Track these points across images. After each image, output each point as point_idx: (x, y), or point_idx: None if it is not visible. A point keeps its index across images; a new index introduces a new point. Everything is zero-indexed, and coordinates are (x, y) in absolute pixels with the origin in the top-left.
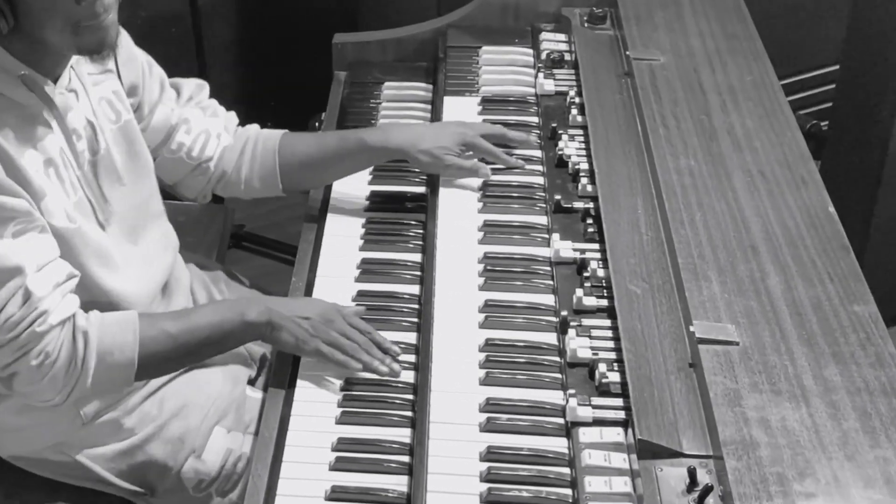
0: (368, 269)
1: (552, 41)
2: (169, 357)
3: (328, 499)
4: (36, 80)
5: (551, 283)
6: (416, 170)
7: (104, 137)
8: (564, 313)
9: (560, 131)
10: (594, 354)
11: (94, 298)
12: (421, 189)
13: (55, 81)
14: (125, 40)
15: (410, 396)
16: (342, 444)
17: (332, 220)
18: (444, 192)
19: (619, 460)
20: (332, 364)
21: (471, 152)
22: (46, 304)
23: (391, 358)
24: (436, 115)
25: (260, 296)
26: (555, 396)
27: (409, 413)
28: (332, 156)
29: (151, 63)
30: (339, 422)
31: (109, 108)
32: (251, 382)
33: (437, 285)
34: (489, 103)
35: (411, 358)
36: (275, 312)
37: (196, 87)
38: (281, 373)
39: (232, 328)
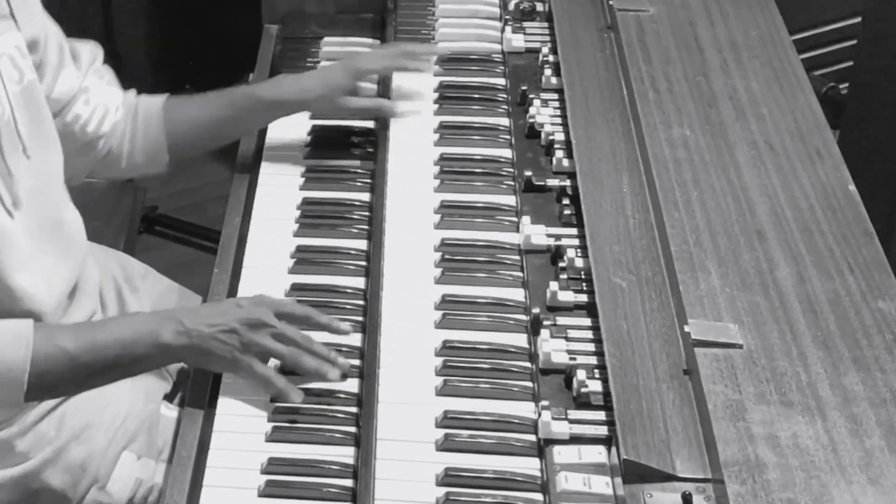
0: (304, 259)
1: None
2: (66, 379)
3: None
4: None
5: (521, 275)
6: (361, 140)
7: (7, 100)
8: (536, 311)
9: (531, 95)
10: (571, 359)
11: (2, 300)
12: (367, 164)
13: None
14: None
15: (354, 409)
16: (273, 465)
17: (261, 200)
18: (393, 168)
19: (601, 484)
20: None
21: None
22: None
23: (336, 355)
24: (384, 77)
25: (175, 310)
26: (525, 409)
27: (352, 429)
28: (223, 116)
29: (47, 19)
30: (270, 439)
31: (11, 65)
32: (167, 398)
33: (386, 278)
34: (447, 62)
35: (355, 363)
36: (194, 332)
37: (92, 51)
38: (201, 383)
39: (144, 351)
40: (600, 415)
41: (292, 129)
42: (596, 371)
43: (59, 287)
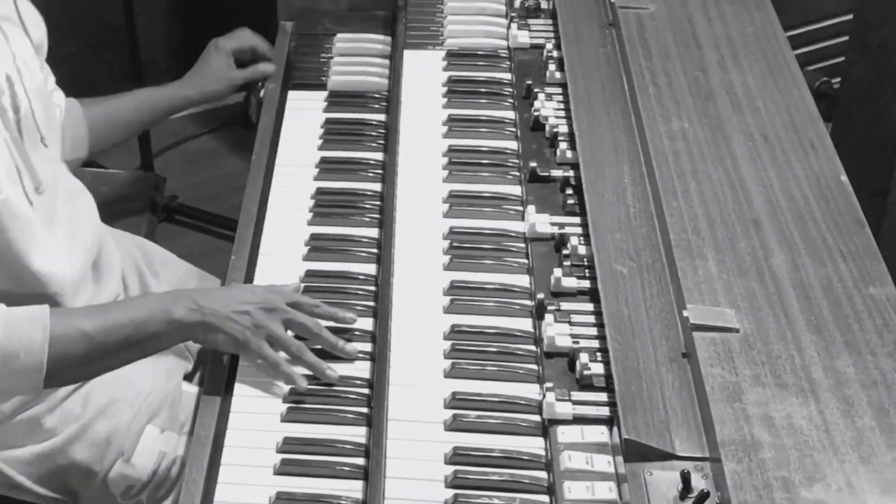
0: (318, 246)
1: None
2: (83, 360)
3: None
4: None
5: (526, 261)
6: (372, 133)
7: (25, 94)
8: (541, 296)
9: (536, 89)
10: (574, 343)
11: (20, 281)
12: (378, 155)
13: None
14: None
15: (366, 391)
16: (288, 444)
17: (277, 190)
18: (404, 159)
19: (603, 463)
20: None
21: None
22: None
23: (344, 341)
24: (395, 70)
25: (189, 289)
26: (530, 390)
27: (364, 409)
28: (135, 113)
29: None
30: (286, 419)
31: (25, 66)
32: (187, 377)
33: (397, 265)
34: (455, 57)
35: (367, 347)
36: (207, 310)
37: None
38: (219, 364)
39: (157, 328)
40: (602, 396)
41: (307, 122)
42: (598, 354)
43: (75, 269)
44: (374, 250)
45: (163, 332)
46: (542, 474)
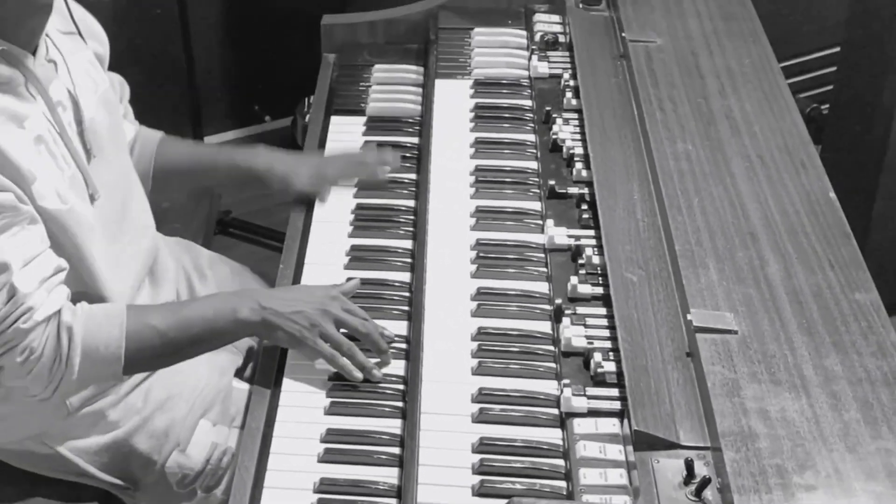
0: (358, 256)
1: (546, 23)
2: (157, 353)
3: (317, 491)
4: (15, 55)
5: (545, 270)
6: (407, 154)
7: (88, 108)
8: (559, 301)
9: (554, 115)
10: (589, 343)
11: (88, 283)
12: (412, 174)
13: (34, 54)
14: (87, 15)
15: (401, 387)
16: (331, 435)
17: (320, 205)
18: (435, 177)
19: (615, 452)
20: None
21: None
22: (32, 300)
23: (386, 345)
24: (427, 98)
25: (252, 290)
26: (549, 386)
27: (399, 403)
28: (199, 168)
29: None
30: (328, 412)
31: (88, 77)
32: (238, 373)
33: (429, 273)
34: (482, 86)
35: (402, 347)
36: (268, 310)
37: (124, 87)
38: (268, 363)
39: (224, 326)
40: (614, 392)
41: (347, 144)
42: (610, 354)
43: (132, 274)
44: (409, 260)
45: (228, 330)
46: (560, 462)
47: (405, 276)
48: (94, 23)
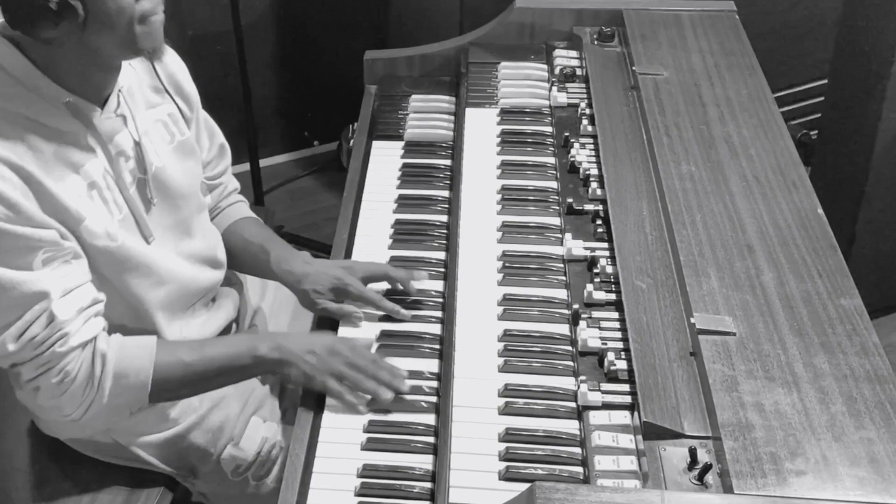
0: (396, 266)
1: (565, 57)
2: (182, 383)
3: (360, 476)
4: (81, 107)
5: (564, 278)
6: (440, 175)
7: (157, 157)
8: (576, 306)
9: (572, 140)
10: (603, 344)
11: (136, 316)
12: (445, 192)
13: (102, 106)
14: (182, 71)
15: (435, 383)
16: (373, 426)
17: (363, 221)
18: (465, 195)
19: (626, 441)
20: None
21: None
22: (69, 327)
23: (400, 379)
24: (458, 124)
25: (271, 332)
26: (567, 382)
27: (433, 398)
28: (248, 257)
29: (213, 127)
30: (370, 406)
31: (164, 129)
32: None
33: (460, 281)
34: (507, 114)
35: (436, 347)
36: (285, 349)
37: (227, 160)
38: (310, 397)
39: (244, 363)
40: (625, 387)
41: (387, 166)
42: (622, 353)
43: (181, 304)
44: (442, 269)
45: (248, 366)
46: (577, 450)
47: (439, 285)
48: (186, 82)
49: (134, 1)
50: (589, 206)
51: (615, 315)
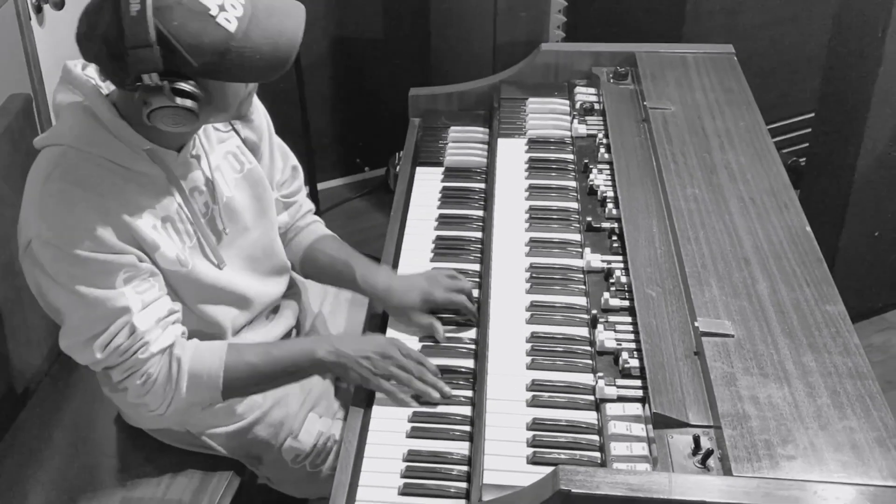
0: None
1: (584, 94)
2: (250, 382)
3: (405, 460)
4: (159, 154)
5: (584, 287)
6: (476, 196)
7: (227, 187)
8: (594, 311)
9: (591, 166)
10: (618, 344)
11: (206, 325)
12: (479, 212)
13: (179, 150)
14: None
15: (471, 379)
16: (416, 416)
17: (408, 237)
18: (497, 215)
19: (639, 429)
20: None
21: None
22: (149, 336)
23: (442, 382)
24: (491, 152)
25: (329, 336)
26: (586, 378)
27: (469, 392)
28: (334, 273)
29: (286, 150)
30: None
31: (234, 159)
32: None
33: (493, 289)
34: (534, 143)
35: (471, 347)
36: (341, 353)
37: (300, 182)
38: (361, 392)
39: (304, 364)
40: (637, 382)
41: (429, 189)
42: (635, 352)
43: (255, 311)
44: (477, 279)
45: (308, 367)
46: (595, 437)
47: (474, 293)
48: (254, 115)
49: (245, 85)
50: (605, 224)
51: (628, 319)
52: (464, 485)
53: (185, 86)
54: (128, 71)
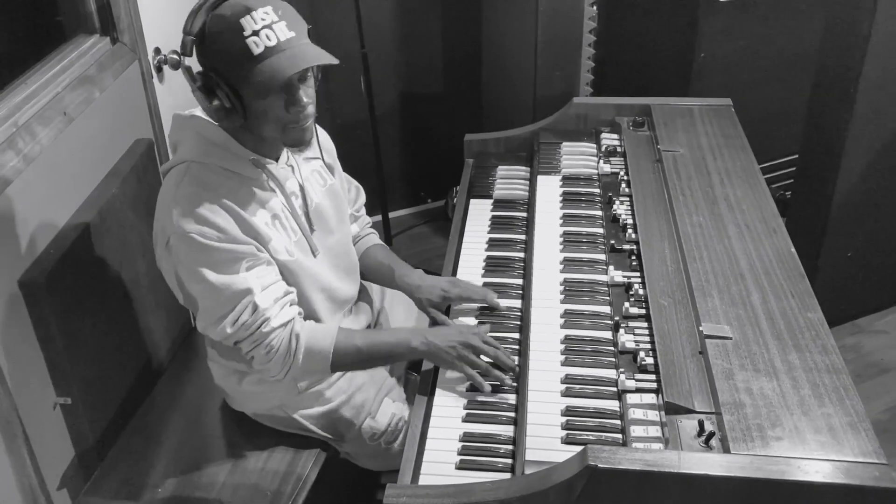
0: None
1: (609, 139)
2: (354, 361)
3: (461, 440)
4: (262, 161)
5: (608, 298)
6: (519, 223)
7: (316, 196)
8: (617, 318)
9: (614, 198)
10: (636, 345)
11: (305, 306)
12: (522, 236)
13: (276, 160)
14: (327, 140)
15: (517, 365)
16: (470, 404)
17: (463, 257)
18: (538, 239)
19: (654, 415)
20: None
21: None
22: (269, 313)
23: (510, 369)
24: (532, 187)
25: (422, 329)
26: (610, 373)
27: (515, 384)
28: (380, 273)
29: (350, 179)
30: (468, 391)
31: (319, 176)
32: (410, 367)
33: (533, 300)
34: (567, 180)
35: (515, 347)
36: (432, 344)
37: (359, 190)
38: (426, 380)
39: (401, 351)
40: (652, 376)
41: (480, 217)
42: (650, 352)
43: (336, 304)
44: (520, 291)
45: (404, 354)
46: (618, 422)
47: (518, 303)
48: (328, 141)
49: (281, 110)
50: (626, 246)
51: (645, 324)
52: (509, 461)
53: (214, 80)
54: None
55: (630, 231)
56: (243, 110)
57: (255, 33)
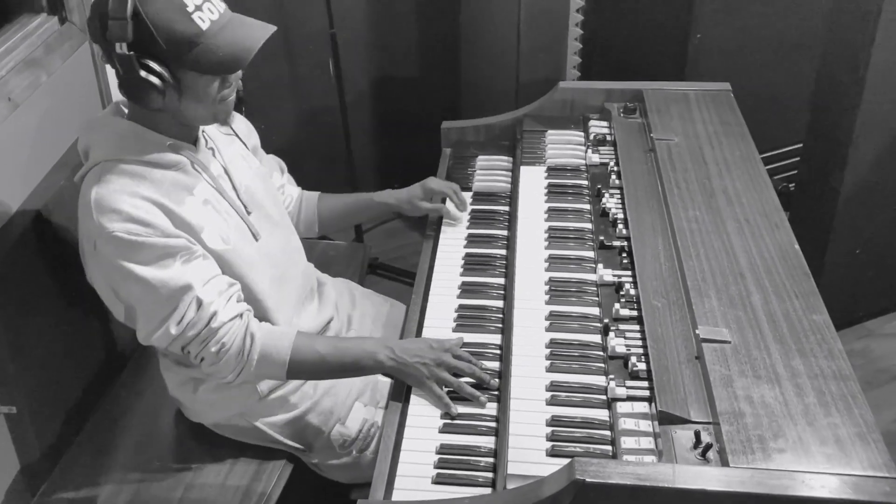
0: (466, 290)
1: (598, 126)
2: (313, 369)
3: (437, 452)
4: (180, 146)
5: (597, 298)
6: (501, 218)
7: (244, 179)
8: (606, 320)
9: (603, 191)
10: (627, 350)
11: (252, 300)
12: (504, 232)
13: (195, 143)
14: (244, 123)
15: (496, 380)
16: (448, 414)
17: (440, 253)
18: (520, 234)
19: (646, 425)
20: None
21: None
22: (215, 306)
23: (487, 384)
24: (514, 179)
25: (390, 340)
26: (599, 380)
27: (496, 392)
28: (351, 209)
29: (272, 157)
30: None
31: (243, 160)
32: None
33: (516, 301)
34: (553, 171)
35: (497, 352)
36: (399, 357)
37: (282, 166)
38: (399, 391)
39: (365, 363)
40: (645, 383)
41: (460, 211)
42: (642, 357)
43: (286, 292)
44: (501, 291)
45: (368, 366)
46: (607, 433)
47: (499, 303)
48: (248, 127)
49: (219, 85)
50: (616, 243)
51: (637, 327)
52: (490, 475)
53: (153, 64)
54: (107, 39)
55: (620, 226)
56: (179, 89)
57: (199, 8)
